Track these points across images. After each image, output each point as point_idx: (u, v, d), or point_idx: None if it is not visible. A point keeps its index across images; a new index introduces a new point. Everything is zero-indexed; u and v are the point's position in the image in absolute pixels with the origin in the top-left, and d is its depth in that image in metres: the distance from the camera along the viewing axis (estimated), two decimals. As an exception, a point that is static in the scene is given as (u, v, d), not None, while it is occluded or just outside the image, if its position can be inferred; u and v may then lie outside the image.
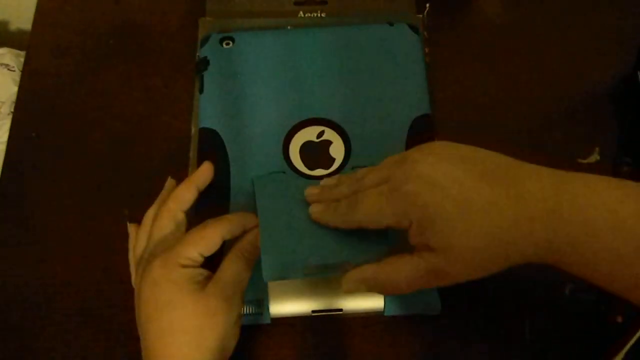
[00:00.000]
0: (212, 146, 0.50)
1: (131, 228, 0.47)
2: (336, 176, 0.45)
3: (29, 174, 0.52)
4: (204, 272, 0.41)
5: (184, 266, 0.40)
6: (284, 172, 0.49)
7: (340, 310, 0.45)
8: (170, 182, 0.48)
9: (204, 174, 0.46)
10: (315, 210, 0.42)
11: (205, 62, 0.53)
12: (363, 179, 0.40)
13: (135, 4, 0.58)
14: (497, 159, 0.37)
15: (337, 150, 0.50)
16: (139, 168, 0.52)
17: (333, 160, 0.49)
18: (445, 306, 0.45)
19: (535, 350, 0.46)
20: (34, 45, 0.57)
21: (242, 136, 0.50)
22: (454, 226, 0.34)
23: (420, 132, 0.50)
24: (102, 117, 0.53)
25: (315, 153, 0.49)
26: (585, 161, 0.52)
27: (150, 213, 0.46)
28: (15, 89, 0.66)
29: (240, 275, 0.41)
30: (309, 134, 0.50)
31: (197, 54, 0.54)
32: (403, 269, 0.37)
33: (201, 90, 0.52)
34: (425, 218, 0.35)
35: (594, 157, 0.52)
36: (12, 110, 0.57)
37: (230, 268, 0.41)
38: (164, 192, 0.47)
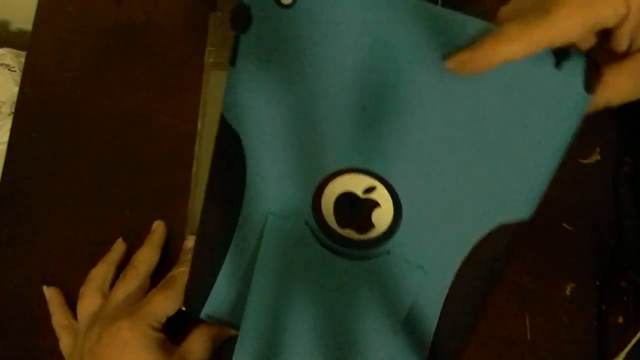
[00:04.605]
0: (229, 150, 0.36)
1: (49, 292, 0.47)
2: None
3: (29, 174, 0.52)
4: (163, 336, 0.42)
5: (154, 328, 0.41)
6: (306, 223, 0.38)
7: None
8: (120, 244, 0.48)
9: (159, 233, 0.48)
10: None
11: (246, 19, 0.32)
12: None
13: (137, 4, 0.58)
14: None
15: (381, 219, 0.36)
16: (139, 168, 0.52)
17: (372, 227, 0.37)
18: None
19: (535, 350, 0.46)
20: (35, 45, 0.57)
21: (270, 149, 0.36)
22: None
23: (490, 249, 0.36)
24: (102, 117, 0.53)
25: (354, 210, 0.37)
26: (585, 161, 0.52)
27: (98, 272, 0.46)
28: (16, 89, 0.66)
29: (203, 356, 0.43)
30: (355, 183, 0.36)
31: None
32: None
33: (232, 62, 0.34)
34: None
35: (595, 157, 0.52)
36: (13, 110, 0.57)
37: (197, 347, 0.43)
38: (113, 254, 0.48)
